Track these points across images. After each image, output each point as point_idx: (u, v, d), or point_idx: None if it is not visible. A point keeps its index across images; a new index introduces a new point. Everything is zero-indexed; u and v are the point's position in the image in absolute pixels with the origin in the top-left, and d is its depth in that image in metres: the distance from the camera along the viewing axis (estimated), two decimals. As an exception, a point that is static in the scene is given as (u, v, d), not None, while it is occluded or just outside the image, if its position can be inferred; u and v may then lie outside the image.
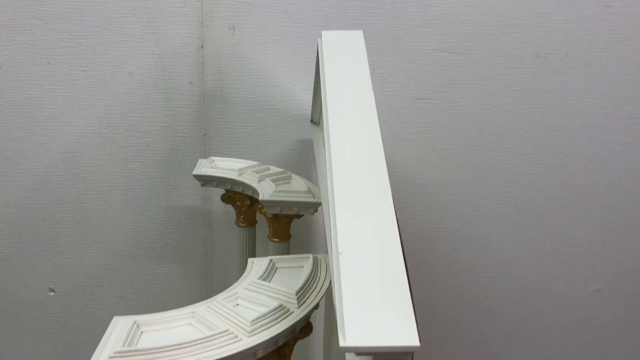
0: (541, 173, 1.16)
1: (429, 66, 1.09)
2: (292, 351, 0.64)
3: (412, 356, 0.46)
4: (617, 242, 1.20)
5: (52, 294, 1.17)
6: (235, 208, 1.03)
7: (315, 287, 0.64)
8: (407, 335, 0.44)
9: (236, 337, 0.54)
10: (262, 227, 1.05)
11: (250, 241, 1.03)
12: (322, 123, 0.87)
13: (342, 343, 0.43)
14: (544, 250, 1.20)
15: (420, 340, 0.45)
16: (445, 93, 1.10)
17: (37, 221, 1.13)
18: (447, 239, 1.18)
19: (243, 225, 1.02)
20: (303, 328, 0.64)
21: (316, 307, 0.63)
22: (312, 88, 1.00)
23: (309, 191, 0.92)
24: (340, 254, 0.49)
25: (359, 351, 0.43)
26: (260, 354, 0.56)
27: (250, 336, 0.55)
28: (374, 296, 0.46)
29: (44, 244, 1.14)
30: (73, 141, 1.10)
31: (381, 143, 0.61)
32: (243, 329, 0.55)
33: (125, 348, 0.51)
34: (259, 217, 1.03)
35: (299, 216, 0.94)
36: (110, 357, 0.50)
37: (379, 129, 0.62)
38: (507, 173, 1.15)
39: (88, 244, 1.15)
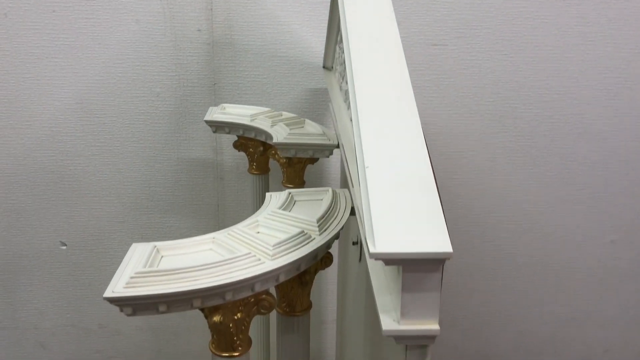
0: (558, 122, 1.13)
1: (444, 11, 1.06)
2: (313, 280, 0.63)
3: (442, 269, 0.45)
4: (634, 192, 1.18)
5: (64, 247, 1.16)
6: (247, 155, 1.01)
7: (335, 217, 0.62)
8: (439, 242, 0.43)
9: (259, 260, 0.53)
10: (275, 175, 1.03)
11: (263, 189, 1.02)
12: (339, 64, 0.85)
13: (372, 249, 0.42)
14: (560, 200, 1.18)
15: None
16: (460, 39, 1.08)
17: (47, 174, 1.12)
18: (463, 189, 1.17)
19: (256, 172, 1.01)
20: (323, 258, 0.63)
21: (337, 236, 0.62)
22: (324, 35, 0.97)
23: (324, 134, 0.90)
24: (367, 167, 0.48)
25: (388, 258, 0.42)
26: (282, 278, 0.55)
27: (272, 259, 0.53)
28: (403, 205, 0.44)
29: (54, 197, 1.13)
30: (80, 92, 1.08)
31: (406, 65, 0.59)
32: (265, 252, 0.54)
33: (147, 269, 0.50)
34: (272, 164, 1.01)
35: (313, 160, 0.92)
36: (132, 278, 0.48)
37: (402, 50, 0.59)
38: (524, 122, 1.13)
39: (99, 197, 1.14)
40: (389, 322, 0.44)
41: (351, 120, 0.56)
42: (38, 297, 1.19)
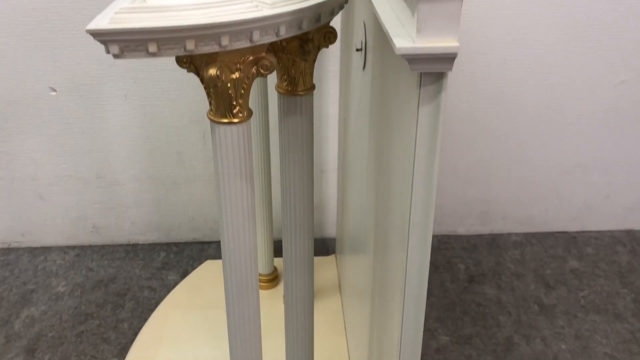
0: (572, -52, 1.06)
1: None
2: (315, 56, 0.59)
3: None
4: (648, 28, 1.13)
5: (53, 93, 1.12)
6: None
7: (338, -14, 0.57)
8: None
9: (256, 6, 0.49)
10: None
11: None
12: None
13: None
14: (570, 37, 1.13)
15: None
16: None
17: (29, 12, 1.05)
18: (470, 25, 1.11)
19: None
20: (327, 33, 0.59)
21: (341, 6, 0.57)
22: None
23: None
24: None
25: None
26: (283, 32, 0.51)
27: (272, 8, 0.49)
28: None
29: (40, 40, 1.07)
30: None
31: None
32: (264, 3, 0.50)
33: (134, 5, 0.45)
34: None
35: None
36: (117, 13, 0.44)
37: None
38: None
39: (86, 37, 1.08)
40: (403, 42, 0.41)
41: None
42: (32, 147, 1.16)
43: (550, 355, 1.00)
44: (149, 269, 1.19)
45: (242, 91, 0.52)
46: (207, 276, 1.16)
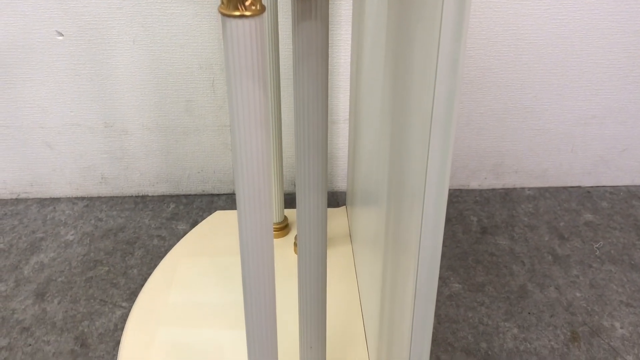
0: None
1: None
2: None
3: None
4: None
5: (60, 38, 1.10)
6: None
7: None
8: None
9: None
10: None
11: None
12: None
13: None
14: (590, -19, 1.10)
15: None
16: None
17: (35, -47, 1.03)
18: (485, -34, 1.08)
19: None
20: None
21: None
22: None
23: None
24: None
25: None
26: None
27: None
28: None
29: (45, -18, 1.05)
30: None
31: None
32: None
33: None
34: None
35: None
36: None
37: None
38: None
39: (93, -20, 1.06)
40: None
41: None
42: (40, 94, 1.15)
43: (564, 302, 0.99)
44: (158, 219, 1.18)
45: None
46: (217, 225, 1.15)
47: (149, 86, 1.15)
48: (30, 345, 0.90)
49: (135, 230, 1.15)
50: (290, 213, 1.14)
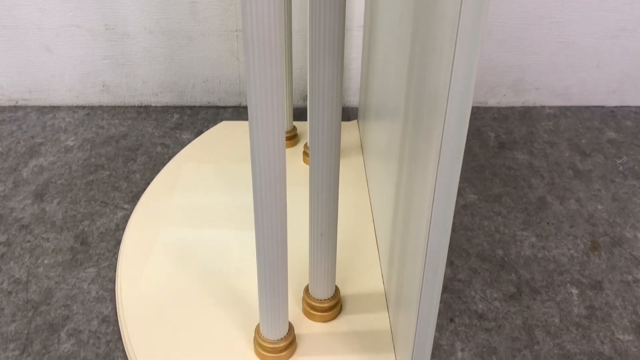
0: None
1: None
2: None
3: None
4: None
5: None
6: None
7: None
8: None
9: None
10: None
11: None
12: None
13: None
14: None
15: None
16: None
17: None
18: None
19: None
20: None
21: None
22: None
23: None
24: None
25: None
26: None
27: None
28: None
29: None
30: None
31: None
32: None
33: None
34: None
35: None
36: None
37: None
38: None
39: None
40: None
41: None
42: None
43: (585, 214, 0.95)
44: (162, 128, 1.14)
45: None
46: (223, 134, 1.10)
47: (151, -15, 1.08)
48: (29, 241, 0.87)
49: (138, 138, 1.10)
50: (299, 125, 1.09)
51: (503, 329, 0.76)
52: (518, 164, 1.06)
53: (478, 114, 1.21)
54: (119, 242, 0.87)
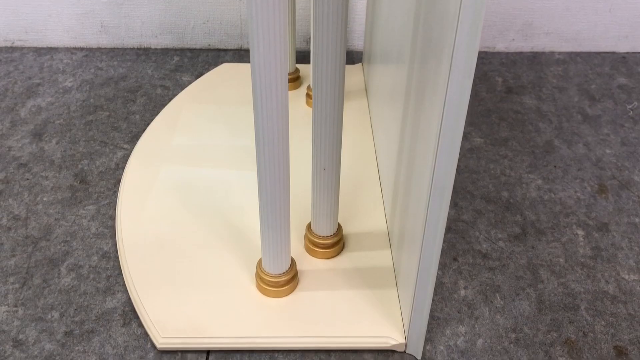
0: None
1: None
2: None
3: None
4: None
5: None
6: None
7: None
8: None
9: None
10: None
11: None
12: None
13: None
14: None
15: None
16: None
17: None
18: None
19: None
20: None
21: None
22: None
23: None
24: None
25: None
26: None
27: None
28: None
29: None
30: None
31: None
32: None
33: None
34: None
35: None
36: None
37: None
38: None
39: None
40: None
41: None
42: None
43: (593, 158, 0.93)
44: (161, 70, 1.11)
45: None
46: (223, 76, 1.08)
47: None
48: (27, 179, 0.86)
49: (138, 80, 1.08)
50: (301, 67, 1.07)
51: (507, 268, 0.75)
52: (525, 109, 1.04)
53: (486, 58, 1.17)
54: (118, 181, 0.86)
